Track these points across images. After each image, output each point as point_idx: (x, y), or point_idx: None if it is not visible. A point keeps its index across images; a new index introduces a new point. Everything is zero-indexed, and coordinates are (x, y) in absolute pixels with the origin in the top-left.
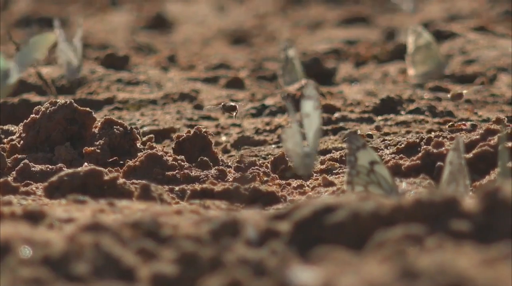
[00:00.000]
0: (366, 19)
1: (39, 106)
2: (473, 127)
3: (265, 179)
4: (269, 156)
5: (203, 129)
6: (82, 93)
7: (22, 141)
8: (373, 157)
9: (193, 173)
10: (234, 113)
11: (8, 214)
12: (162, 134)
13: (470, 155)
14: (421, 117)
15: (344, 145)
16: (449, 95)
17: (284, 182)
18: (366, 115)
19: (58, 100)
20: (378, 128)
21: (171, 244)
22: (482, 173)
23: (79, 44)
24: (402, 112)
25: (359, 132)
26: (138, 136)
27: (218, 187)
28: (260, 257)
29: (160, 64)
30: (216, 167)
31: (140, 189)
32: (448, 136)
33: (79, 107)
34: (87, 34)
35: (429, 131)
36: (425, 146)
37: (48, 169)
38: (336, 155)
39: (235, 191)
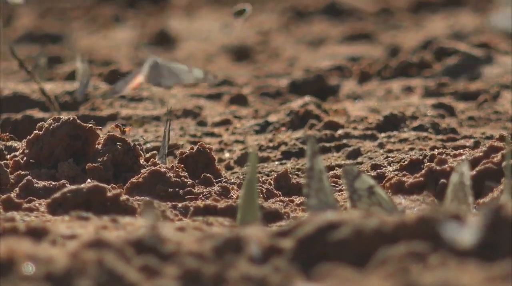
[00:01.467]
0: (369, 35)
1: (42, 122)
2: (476, 144)
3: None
4: (272, 173)
5: (206, 146)
6: (85, 109)
7: (25, 158)
8: (369, 182)
9: (196, 190)
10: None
11: (11, 230)
12: None
13: (474, 172)
14: (425, 134)
15: (347, 162)
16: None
17: (287, 198)
18: (369, 132)
19: (61, 117)
20: (381, 145)
21: (174, 260)
22: (486, 190)
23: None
24: (406, 129)
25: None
26: (141, 152)
27: (221, 204)
28: (263, 274)
29: None
30: (219, 184)
31: (143, 205)
32: (451, 153)
33: (82, 123)
34: (91, 50)
35: (433, 148)
36: (428, 163)
37: (51, 185)
38: (339, 172)
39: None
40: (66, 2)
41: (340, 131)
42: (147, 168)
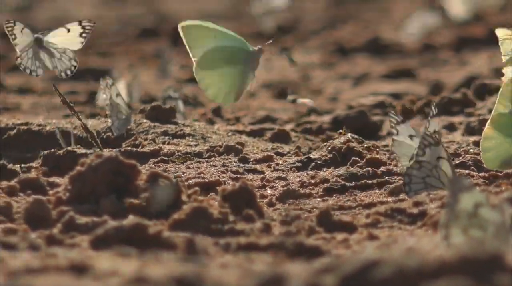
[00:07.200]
0: (412, 72)
1: (85, 158)
2: None
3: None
4: (314, 210)
5: (249, 183)
6: (127, 145)
7: (67, 194)
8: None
9: (238, 226)
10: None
11: (54, 266)
12: (207, 187)
13: None
14: (467, 171)
15: (389, 199)
16: None
17: (329, 235)
18: None
19: (103, 153)
20: None
21: None
22: None
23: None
24: None
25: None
26: (183, 189)
27: (263, 241)
28: None
29: (206, 116)
30: (261, 220)
31: (185, 242)
32: (493, 191)
33: (124, 160)
34: (132, 85)
35: (475, 186)
36: None
37: (93, 222)
38: (381, 208)
39: (280, 244)
40: (109, 38)
41: (382, 169)
42: (189, 204)
